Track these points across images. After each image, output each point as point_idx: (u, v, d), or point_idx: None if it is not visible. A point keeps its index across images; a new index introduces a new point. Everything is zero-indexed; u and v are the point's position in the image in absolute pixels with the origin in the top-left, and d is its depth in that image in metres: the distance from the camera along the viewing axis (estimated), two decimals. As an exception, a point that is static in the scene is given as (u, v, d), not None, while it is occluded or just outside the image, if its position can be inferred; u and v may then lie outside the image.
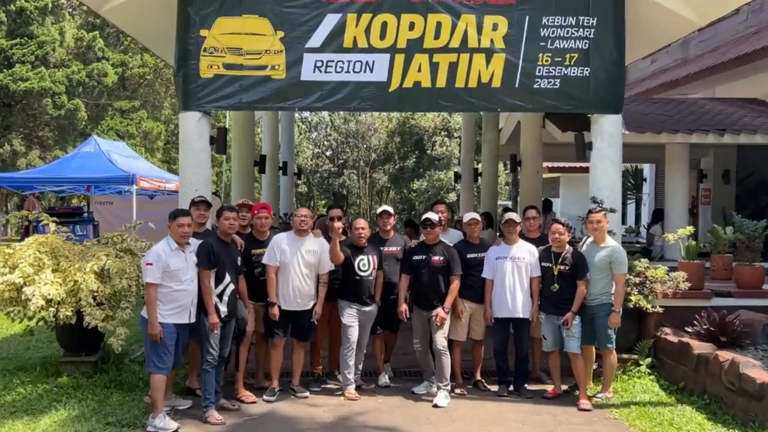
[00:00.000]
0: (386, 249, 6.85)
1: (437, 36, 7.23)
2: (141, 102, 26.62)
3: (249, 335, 6.51)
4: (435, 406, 6.26)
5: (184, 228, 5.77)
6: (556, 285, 6.42)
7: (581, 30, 7.36)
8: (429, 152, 29.50)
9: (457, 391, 6.63)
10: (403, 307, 6.59)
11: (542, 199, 11.83)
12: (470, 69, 7.27)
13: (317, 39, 7.27)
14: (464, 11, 7.22)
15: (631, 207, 19.64)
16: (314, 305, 6.50)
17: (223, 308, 5.98)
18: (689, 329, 6.79)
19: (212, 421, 5.76)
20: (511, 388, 6.69)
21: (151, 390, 5.67)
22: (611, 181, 7.56)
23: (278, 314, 6.33)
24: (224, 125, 13.74)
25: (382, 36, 7.23)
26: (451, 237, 7.15)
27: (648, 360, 7.02)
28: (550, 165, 20.31)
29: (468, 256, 6.70)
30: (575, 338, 6.35)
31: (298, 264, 6.38)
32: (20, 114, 22.35)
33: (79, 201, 23.50)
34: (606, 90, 7.44)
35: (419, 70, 7.22)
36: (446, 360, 6.44)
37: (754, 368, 5.64)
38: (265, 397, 6.41)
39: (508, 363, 6.77)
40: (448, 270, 6.51)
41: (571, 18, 7.34)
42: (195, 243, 5.95)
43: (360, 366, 6.82)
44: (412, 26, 7.22)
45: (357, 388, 6.64)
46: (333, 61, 7.29)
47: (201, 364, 6.00)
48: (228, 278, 6.02)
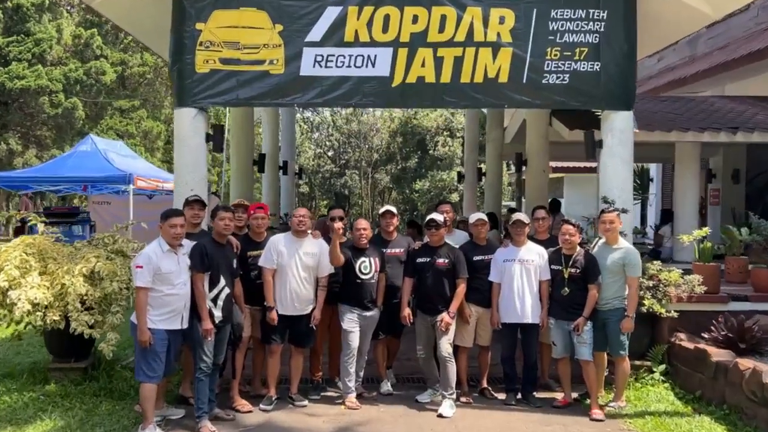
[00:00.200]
0: (389, 251, 6.57)
1: (442, 29, 6.95)
2: (141, 101, 26.37)
3: (245, 341, 6.24)
4: (440, 416, 5.98)
5: (177, 229, 5.49)
6: (567, 289, 6.14)
7: (591, 23, 7.08)
8: (431, 152, 29.21)
9: (463, 400, 6.35)
10: (407, 312, 6.31)
11: (550, 199, 11.56)
12: (476, 64, 6.99)
13: (317, 32, 7.00)
14: (470, 4, 6.93)
15: (637, 207, 19.36)
16: (313, 310, 6.22)
17: (218, 313, 5.70)
18: (706, 335, 6.50)
19: None
20: (519, 396, 6.42)
21: (141, 399, 5.40)
22: (622, 180, 7.28)
23: (276, 319, 6.06)
24: (224, 123, 13.49)
25: (385, 29, 6.95)
26: (457, 238, 6.86)
27: (662, 367, 6.73)
28: (554, 165, 20.01)
29: (475, 259, 6.42)
30: (587, 344, 6.07)
31: (296, 266, 6.10)
32: (17, 113, 22.10)
33: (81, 201, 23.27)
34: (617, 85, 7.16)
35: (423, 65, 6.94)
36: (451, 368, 6.15)
37: (777, 377, 5.36)
38: (262, 406, 6.13)
39: (516, 370, 6.48)
40: (454, 273, 6.23)
41: (581, 11, 7.05)
42: (188, 244, 5.67)
43: (361, 373, 6.54)
44: (416, 19, 6.94)
45: (358, 396, 6.36)
46: (333, 56, 7.01)
47: (194, 372, 5.73)
48: (223, 281, 5.74)
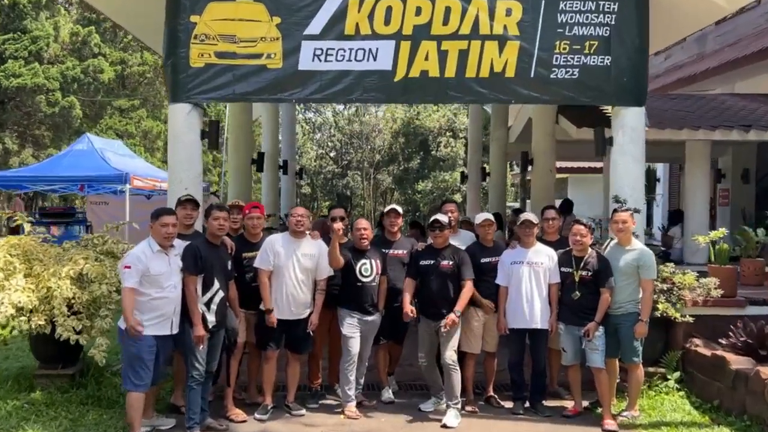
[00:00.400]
0: (392, 251, 6.29)
1: (446, 22, 6.67)
2: (141, 101, 26.12)
3: (240, 347, 5.95)
4: (444, 427, 5.69)
5: (168, 228, 5.22)
6: (578, 292, 5.84)
7: (602, 16, 6.80)
8: (434, 153, 28.98)
9: (468, 409, 6.06)
10: (409, 308, 5.97)
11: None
12: (482, 57, 6.71)
13: (316, 25, 6.73)
14: (475, -5, 6.66)
15: (643, 208, 19.06)
16: (310, 314, 5.94)
17: (211, 318, 5.41)
18: (723, 341, 6.21)
19: None
20: (527, 405, 6.13)
21: (127, 408, 5.12)
22: (634, 179, 7.00)
23: (276, 322, 5.78)
24: (223, 121, 13.22)
25: (387, 22, 6.67)
26: (463, 238, 6.56)
27: (676, 374, 6.43)
28: (559, 165, 19.62)
29: (482, 261, 6.14)
30: (598, 351, 5.77)
31: (294, 268, 5.82)
32: (14, 111, 21.85)
33: (83, 202, 23.01)
34: (628, 80, 6.87)
35: (426, 59, 6.66)
36: (456, 376, 5.85)
37: (801, 386, 5.07)
38: (257, 415, 5.84)
39: (524, 377, 6.19)
40: (459, 276, 5.94)
41: (591, 2, 6.76)
42: (180, 245, 5.39)
43: (361, 380, 6.25)
44: (419, 11, 6.66)
45: (358, 405, 6.07)
46: (333, 49, 6.74)
47: (186, 380, 5.45)
48: (217, 284, 5.45)
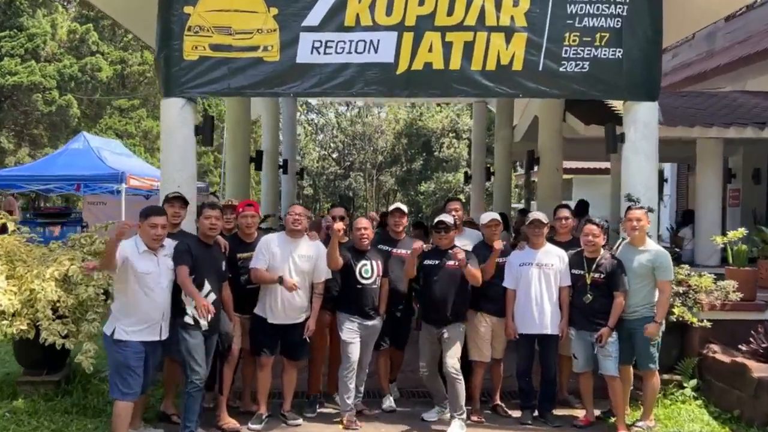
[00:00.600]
0: (395, 250, 6.00)
1: (450, 12, 6.35)
2: (141, 100, 25.84)
3: (235, 354, 5.63)
4: (448, 438, 5.40)
5: (158, 230, 4.90)
6: (589, 296, 5.54)
7: (613, 6, 6.48)
8: (437, 154, 28.74)
9: (474, 419, 5.75)
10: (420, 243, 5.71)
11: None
12: (488, 50, 6.40)
13: (315, 16, 6.42)
14: (481, -16, 6.36)
15: (656, 207, 18.75)
16: (307, 319, 5.64)
17: (203, 321, 5.11)
18: (743, 347, 5.90)
19: None
20: (536, 414, 5.82)
21: (114, 419, 4.81)
22: (646, 177, 6.67)
23: (294, 281, 5.45)
24: (223, 121, 12.92)
25: (389, 12, 6.36)
26: (469, 236, 6.23)
27: (693, 382, 6.12)
28: (564, 165, 19.42)
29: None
30: (612, 358, 5.46)
31: (290, 271, 5.51)
32: (10, 110, 21.58)
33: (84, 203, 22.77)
34: (640, 74, 6.56)
35: (430, 50, 6.35)
36: (460, 386, 5.53)
37: (829, 396, 4.76)
38: (251, 425, 5.54)
39: (533, 385, 5.88)
40: (464, 278, 5.65)
41: (602, -8, 6.48)
42: (170, 245, 5.09)
43: (361, 387, 5.95)
44: (422, 1, 6.33)
45: (358, 414, 5.77)
46: (333, 41, 6.43)
47: (185, 386, 5.09)
48: (208, 286, 5.15)
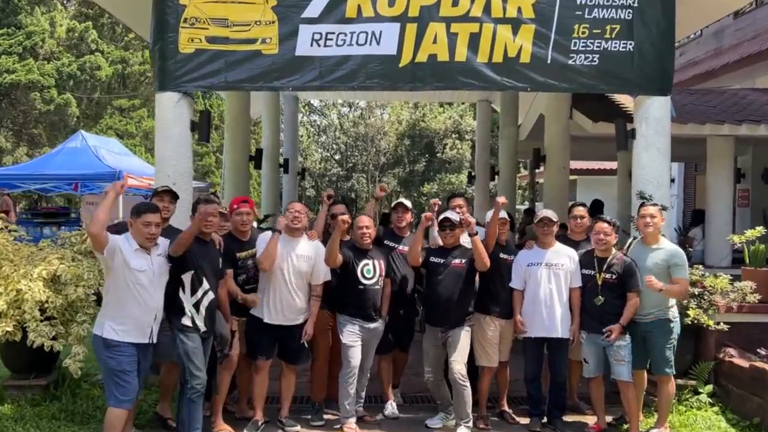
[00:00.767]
0: (401, 247, 5.77)
1: (456, 2, 6.13)
2: (142, 100, 25.63)
3: (234, 359, 5.35)
4: (454, 446, 5.15)
5: (152, 228, 4.61)
6: (601, 297, 5.29)
7: (624, -3, 6.28)
8: (440, 155, 28.53)
9: (480, 426, 5.50)
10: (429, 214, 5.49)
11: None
12: (495, 41, 6.17)
13: (315, 8, 6.21)
14: (487, -27, 6.14)
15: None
16: (306, 320, 5.40)
17: (200, 323, 4.87)
18: (762, 351, 5.66)
19: None
20: (545, 421, 5.57)
21: (106, 427, 4.54)
22: (659, 174, 6.45)
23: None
24: (219, 120, 12.69)
25: (391, 2, 6.13)
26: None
27: (709, 387, 5.87)
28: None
29: (501, 256, 5.61)
30: (625, 363, 5.21)
31: (289, 272, 5.28)
32: (9, 109, 21.35)
33: (86, 203, 22.55)
34: (652, 67, 6.33)
35: (435, 42, 6.13)
36: (466, 393, 5.28)
37: None
38: (246, 432, 5.31)
39: (542, 391, 5.63)
40: (470, 277, 5.41)
41: (612, -17, 6.25)
42: (164, 243, 4.83)
43: (363, 393, 5.71)
44: (426, -9, 6.15)
45: (359, 420, 5.53)
46: (333, 33, 6.22)
47: (184, 392, 4.84)
48: (207, 285, 4.90)
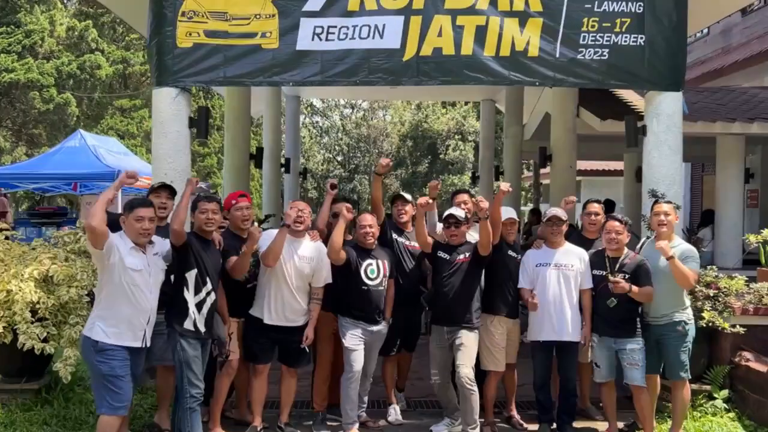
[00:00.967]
0: (407, 242, 5.59)
1: (461, -6, 5.99)
2: (143, 100, 25.47)
3: (234, 364, 5.14)
4: (460, 453, 4.95)
5: (145, 223, 4.40)
6: (614, 299, 5.07)
7: (635, -10, 6.10)
8: (442, 157, 28.40)
9: (487, 432, 5.33)
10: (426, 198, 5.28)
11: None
12: (502, 35, 6.00)
13: (316, 1, 6.06)
14: (493, -35, 5.96)
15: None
16: (307, 322, 5.19)
17: (201, 325, 4.67)
18: (780, 355, 5.46)
19: None
20: (554, 426, 5.36)
21: (97, 432, 4.37)
22: (671, 172, 6.25)
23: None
24: (220, 121, 12.51)
25: (395, -6, 6.00)
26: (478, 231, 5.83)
27: (724, 392, 5.66)
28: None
29: (509, 253, 5.42)
30: (638, 367, 5.01)
31: (291, 273, 5.06)
32: (7, 108, 21.19)
33: (89, 203, 22.38)
34: (664, 62, 6.16)
35: (440, 35, 5.95)
36: (473, 398, 5.07)
37: None
38: (244, 439, 5.12)
39: (551, 396, 5.43)
40: (478, 275, 5.22)
41: (622, -26, 6.07)
42: (160, 242, 4.65)
43: (365, 397, 5.50)
44: (430, -17, 5.98)
45: (361, 426, 5.34)
46: (335, 27, 6.06)
47: (181, 400, 4.63)
48: (210, 285, 4.71)
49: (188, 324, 4.65)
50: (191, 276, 4.66)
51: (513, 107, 12.54)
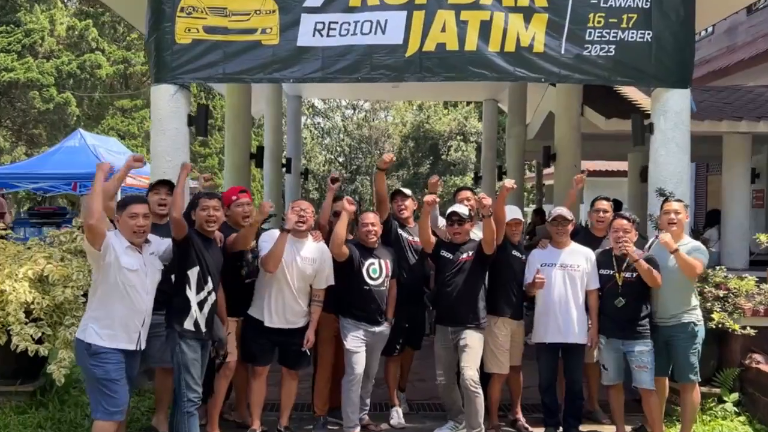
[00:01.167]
0: (411, 238, 5.47)
1: (464, -11, 5.88)
2: (144, 101, 25.41)
3: (232, 366, 5.02)
4: (464, 458, 4.83)
5: (139, 220, 4.24)
6: (621, 299, 4.97)
7: (642, -15, 5.99)
8: (444, 157, 28.30)
9: (492, 435, 5.21)
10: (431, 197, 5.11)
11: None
12: (506, 30, 5.90)
13: (318, -4, 5.98)
14: (498, -40, 5.87)
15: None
16: (307, 324, 5.08)
17: (202, 325, 4.53)
18: (791, 357, 5.34)
19: None
20: (560, 430, 5.25)
21: (91, 440, 4.25)
22: (679, 170, 6.14)
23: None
24: (221, 122, 12.41)
25: (397, -11, 5.89)
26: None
27: (734, 395, 5.55)
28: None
29: (513, 253, 5.30)
30: (647, 369, 4.89)
31: (293, 275, 4.94)
32: (7, 108, 21.11)
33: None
34: (671, 58, 6.06)
35: (443, 30, 5.85)
36: (478, 401, 4.95)
37: None
38: (243, 442, 5.00)
39: (557, 399, 5.31)
40: (483, 274, 5.11)
41: (629, -31, 5.97)
42: (157, 241, 4.53)
43: (367, 400, 5.38)
44: (434, -23, 5.88)
45: (363, 429, 5.23)
46: (337, 23, 5.97)
47: (179, 405, 4.48)
48: (211, 284, 4.57)
49: (189, 323, 4.51)
50: (193, 273, 4.52)
51: (516, 107, 12.42)
